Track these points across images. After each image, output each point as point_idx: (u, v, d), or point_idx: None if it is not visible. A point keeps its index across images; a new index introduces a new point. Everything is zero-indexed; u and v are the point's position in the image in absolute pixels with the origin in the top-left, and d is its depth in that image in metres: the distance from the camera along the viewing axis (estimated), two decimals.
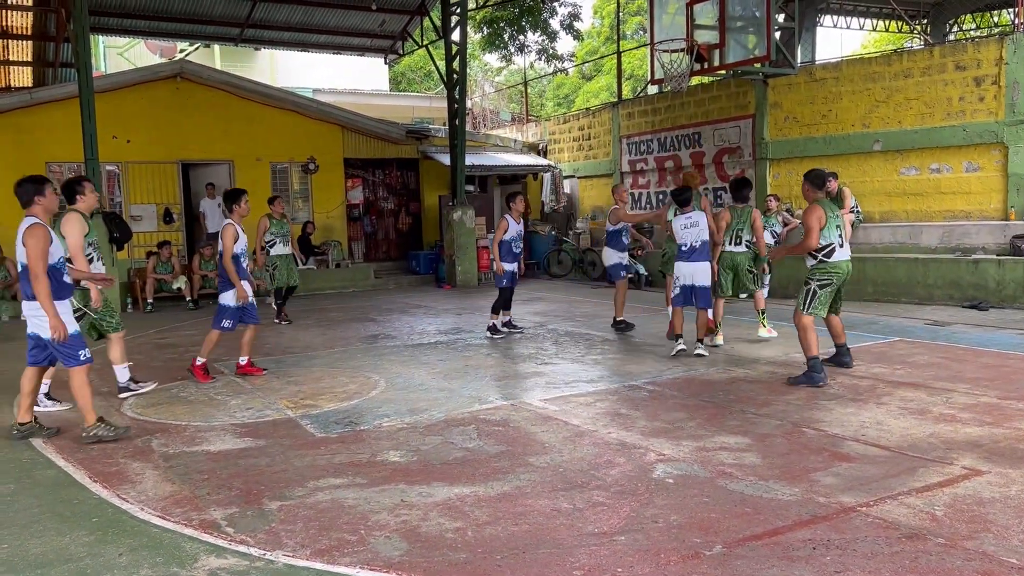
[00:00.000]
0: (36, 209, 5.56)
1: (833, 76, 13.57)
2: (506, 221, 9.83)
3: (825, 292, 6.93)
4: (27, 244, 5.36)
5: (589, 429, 5.66)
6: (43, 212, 5.59)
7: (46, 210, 5.62)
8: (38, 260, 5.34)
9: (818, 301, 6.91)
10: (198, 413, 6.41)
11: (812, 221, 6.82)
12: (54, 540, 3.93)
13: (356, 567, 3.55)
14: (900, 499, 4.17)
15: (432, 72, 31.08)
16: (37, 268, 5.32)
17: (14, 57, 19.12)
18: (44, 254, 5.36)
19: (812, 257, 6.95)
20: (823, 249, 6.87)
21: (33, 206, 5.56)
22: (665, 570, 3.45)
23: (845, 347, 7.42)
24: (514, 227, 9.80)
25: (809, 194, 7.08)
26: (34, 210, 5.56)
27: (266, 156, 16.91)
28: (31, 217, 5.51)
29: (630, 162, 17.79)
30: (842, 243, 6.93)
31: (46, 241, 5.39)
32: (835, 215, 6.97)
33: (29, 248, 5.35)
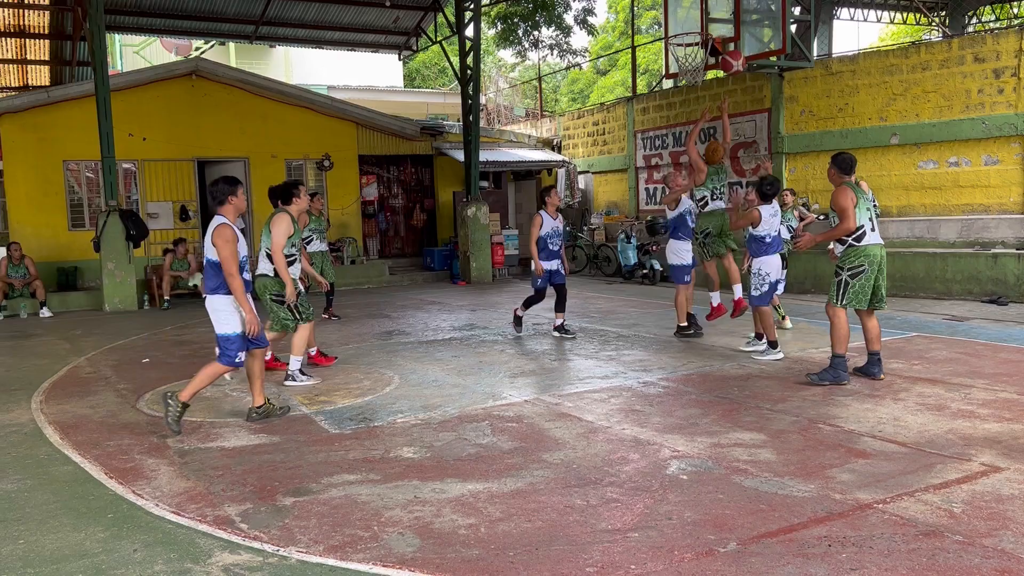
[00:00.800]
0: (227, 208, 5.75)
1: (850, 69, 13.45)
2: (540, 217, 9.28)
3: (859, 282, 6.47)
4: (217, 244, 5.56)
5: (603, 425, 5.64)
6: (233, 212, 5.77)
7: (236, 210, 5.79)
8: (232, 260, 5.55)
9: (851, 292, 6.48)
10: (213, 409, 6.44)
11: (845, 201, 6.41)
12: (70, 535, 3.96)
13: (369, 563, 3.55)
14: (917, 496, 4.13)
15: (446, 68, 31.09)
16: (232, 268, 5.55)
17: (32, 56, 19.28)
18: (236, 254, 5.57)
19: (840, 243, 6.61)
20: (852, 233, 6.50)
21: (225, 205, 5.75)
22: (679, 567, 3.43)
23: (877, 356, 6.75)
24: (549, 222, 9.30)
25: (836, 178, 6.71)
26: (225, 209, 5.75)
27: (281, 153, 16.97)
28: (220, 217, 5.71)
29: (645, 157, 17.71)
30: (873, 227, 6.56)
31: (233, 241, 5.58)
32: (865, 198, 6.62)
33: (220, 249, 5.55)
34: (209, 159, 16.49)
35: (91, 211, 15.24)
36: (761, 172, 10.21)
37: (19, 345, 10.21)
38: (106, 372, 8.14)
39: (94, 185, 15.30)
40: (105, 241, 13.14)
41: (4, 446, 5.58)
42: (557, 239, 9.36)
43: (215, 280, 5.65)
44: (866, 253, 6.50)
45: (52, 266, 14.46)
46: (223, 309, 5.69)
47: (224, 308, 5.69)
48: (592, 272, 17.36)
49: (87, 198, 15.46)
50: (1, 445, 5.60)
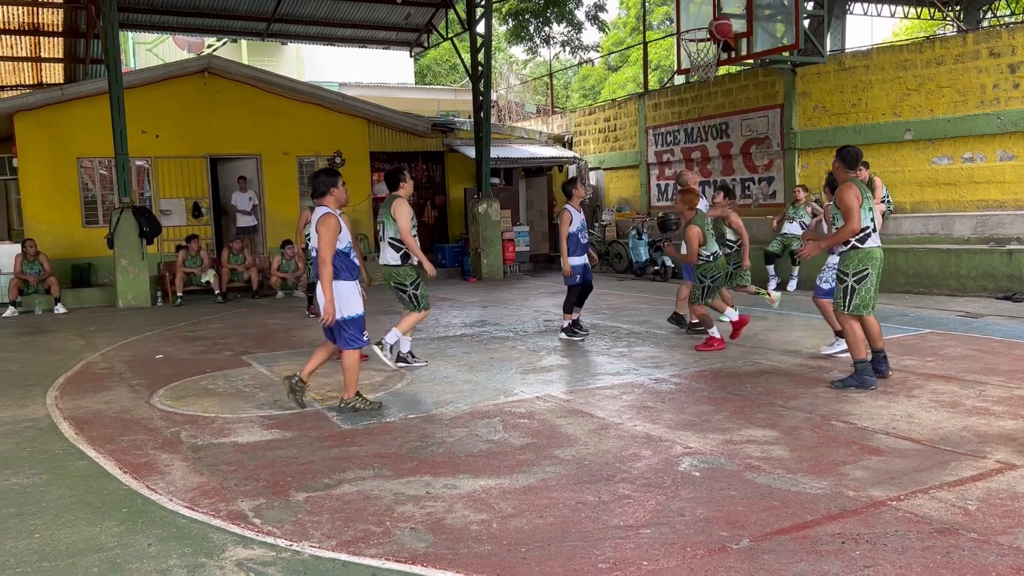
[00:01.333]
0: (328, 200, 5.96)
1: (863, 64, 13.37)
2: (569, 212, 8.92)
3: (865, 286, 6.27)
4: (320, 232, 5.75)
5: (615, 422, 5.63)
6: (335, 203, 5.97)
7: (337, 201, 6.00)
8: (328, 248, 5.75)
9: (859, 298, 6.27)
10: (227, 405, 6.47)
11: (852, 200, 6.14)
12: (85, 530, 3.99)
13: (382, 559, 3.56)
14: (931, 493, 4.11)
15: (457, 65, 31.10)
16: (325, 254, 5.75)
17: (46, 54, 19.40)
18: (333, 243, 5.78)
19: (843, 243, 6.41)
20: (857, 234, 6.29)
21: (326, 197, 5.95)
22: (691, 563, 3.43)
23: (883, 354, 6.62)
24: (578, 217, 8.96)
25: (841, 173, 6.43)
26: (326, 200, 5.95)
27: (293, 150, 17.01)
28: (324, 207, 5.90)
29: (656, 153, 17.67)
30: (875, 228, 6.38)
31: (336, 231, 5.79)
32: (868, 196, 6.41)
33: (322, 236, 5.75)
34: (221, 156, 16.56)
35: (105, 208, 15.33)
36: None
37: (34, 341, 10.29)
38: (120, 368, 8.19)
39: (108, 182, 15.38)
40: (118, 238, 13.22)
41: (20, 441, 5.62)
42: (586, 232, 9.20)
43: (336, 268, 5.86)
44: (870, 256, 6.30)
45: (66, 263, 14.56)
46: (345, 294, 5.90)
47: (346, 292, 5.91)
48: (603, 268, 17.33)
49: (101, 195, 15.55)
50: (17, 440, 5.65)
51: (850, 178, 6.38)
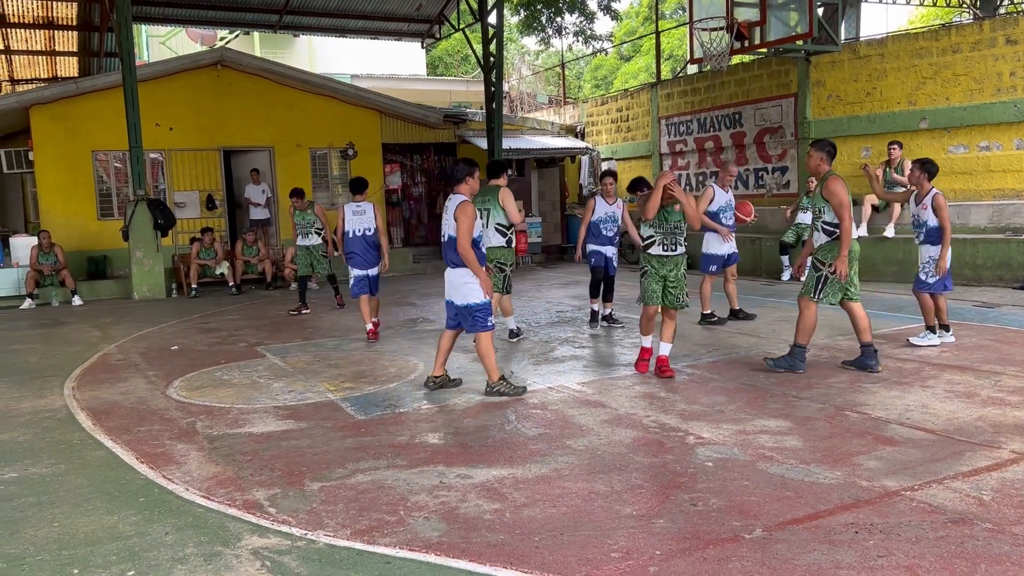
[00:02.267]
0: (464, 188, 6.20)
1: (878, 53, 13.25)
2: (593, 201, 9.19)
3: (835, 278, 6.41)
4: (459, 219, 5.99)
5: (627, 412, 5.64)
6: (469, 191, 6.21)
7: (472, 190, 6.23)
8: (468, 234, 5.99)
9: (829, 287, 6.43)
10: (241, 396, 6.52)
11: (845, 194, 6.31)
12: (103, 519, 4.04)
13: (396, 547, 3.59)
14: (946, 483, 4.10)
15: (469, 56, 31.04)
16: (466, 242, 5.99)
17: (60, 47, 19.49)
18: (472, 229, 6.02)
19: (827, 234, 6.46)
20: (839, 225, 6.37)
21: (462, 184, 6.20)
22: (704, 553, 3.43)
23: (872, 349, 6.57)
24: (603, 207, 9.06)
25: (824, 165, 6.52)
26: (462, 188, 6.20)
27: (306, 142, 17.04)
28: (460, 195, 6.14)
29: (669, 143, 17.60)
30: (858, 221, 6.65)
31: (473, 218, 6.04)
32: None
33: (461, 224, 5.98)
34: (235, 148, 16.61)
35: (119, 200, 15.41)
36: None
37: (51, 332, 10.38)
38: (136, 359, 8.26)
39: (122, 175, 15.46)
40: (133, 230, 13.31)
41: (38, 431, 5.69)
42: (612, 224, 9.14)
43: (458, 254, 6.07)
44: (851, 248, 6.44)
45: (82, 255, 14.66)
46: (471, 281, 6.10)
47: (472, 280, 6.11)
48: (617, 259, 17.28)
49: (115, 187, 15.63)
50: (35, 430, 5.71)
51: (833, 171, 6.56)
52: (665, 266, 6.60)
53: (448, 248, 6.19)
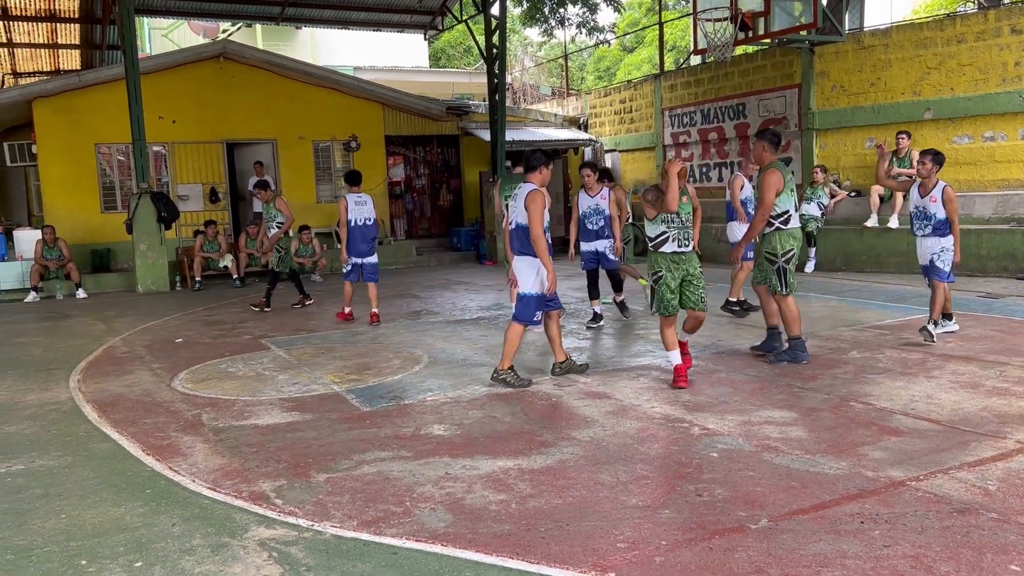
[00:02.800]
0: (536, 177, 6.17)
1: (882, 43, 13.20)
2: (577, 197, 8.94)
3: (792, 265, 6.56)
4: (530, 208, 5.98)
5: (632, 403, 5.64)
6: (540, 181, 6.18)
7: (544, 180, 6.21)
8: (539, 223, 5.98)
9: (791, 276, 6.58)
10: (247, 388, 6.53)
11: (770, 190, 6.37)
12: (110, 510, 4.05)
13: (402, 538, 3.60)
14: (951, 473, 4.10)
15: (472, 48, 30.94)
16: (539, 230, 5.98)
17: (63, 40, 19.48)
18: (543, 217, 6.02)
19: (768, 224, 6.53)
20: (781, 216, 6.50)
21: (535, 173, 6.17)
22: (709, 543, 3.44)
23: (778, 330, 6.85)
24: (586, 201, 8.73)
25: (767, 156, 6.58)
26: (534, 177, 6.17)
27: (308, 135, 17.03)
28: (531, 184, 6.13)
29: (672, 135, 17.56)
30: (797, 209, 6.74)
31: (544, 206, 6.04)
32: (790, 180, 6.64)
33: (532, 212, 5.96)
34: (238, 141, 16.60)
35: (123, 194, 15.43)
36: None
37: (56, 326, 10.40)
38: (140, 352, 8.28)
39: (125, 168, 15.47)
40: (137, 223, 13.32)
41: (45, 424, 5.70)
42: (597, 217, 8.72)
43: (526, 243, 6.08)
44: (794, 236, 6.59)
45: (86, 248, 14.67)
46: (526, 271, 6.12)
47: (527, 269, 6.12)
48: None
49: (119, 181, 15.64)
50: (42, 423, 5.73)
51: (774, 162, 6.60)
52: (682, 265, 6.07)
53: (515, 236, 6.17)
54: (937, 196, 7.12)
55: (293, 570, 3.33)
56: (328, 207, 16.85)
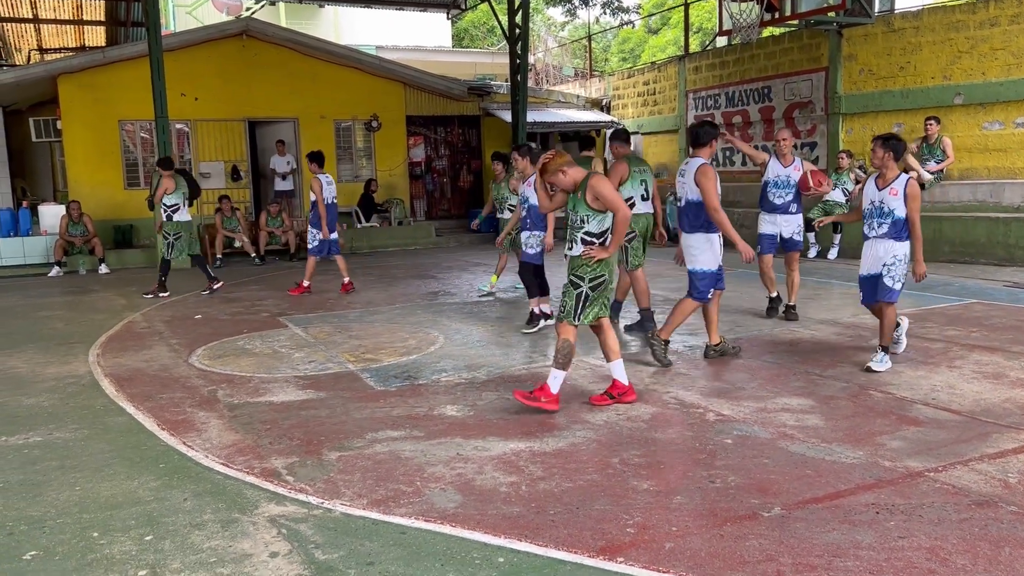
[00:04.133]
0: (705, 151, 6.15)
1: (913, 26, 12.93)
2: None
3: (634, 246, 7.01)
4: (701, 183, 5.95)
5: (648, 388, 5.59)
6: (708, 154, 6.16)
7: (711, 153, 6.20)
8: (716, 196, 5.96)
9: (636, 258, 7.28)
10: (263, 365, 6.55)
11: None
12: (123, 484, 4.08)
13: (411, 518, 3.59)
14: (971, 465, 4.02)
15: (495, 27, 30.74)
16: (715, 202, 5.93)
17: (88, 16, 19.55)
18: (716, 190, 5.98)
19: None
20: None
21: (705, 148, 6.15)
22: (720, 530, 3.40)
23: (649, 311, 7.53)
24: (522, 189, 7.96)
25: (620, 150, 7.32)
26: (703, 152, 6.15)
27: (330, 114, 17.00)
28: (700, 159, 6.09)
29: (696, 117, 17.35)
30: (646, 196, 7.05)
31: (716, 179, 6.03)
32: (640, 170, 7.19)
33: (706, 186, 5.92)
34: (259, 119, 16.61)
35: (146, 170, 15.50)
36: None
37: (78, 300, 10.50)
38: (160, 327, 8.33)
39: (149, 145, 15.54)
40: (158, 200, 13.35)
41: (63, 396, 5.75)
42: (523, 205, 7.96)
43: (695, 219, 6.06)
44: (637, 220, 6.90)
45: (109, 224, 14.77)
46: (698, 246, 6.10)
47: (699, 245, 6.09)
48: None
49: (142, 157, 15.72)
50: (60, 396, 5.78)
51: (625, 155, 7.01)
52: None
53: (684, 213, 6.15)
54: (899, 189, 5.77)
55: (301, 547, 3.33)
56: (349, 187, 16.85)
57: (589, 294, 5.11)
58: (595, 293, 5.12)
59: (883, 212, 5.89)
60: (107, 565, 3.22)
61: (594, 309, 5.14)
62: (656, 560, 3.17)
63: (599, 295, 5.13)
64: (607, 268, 5.13)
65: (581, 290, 5.12)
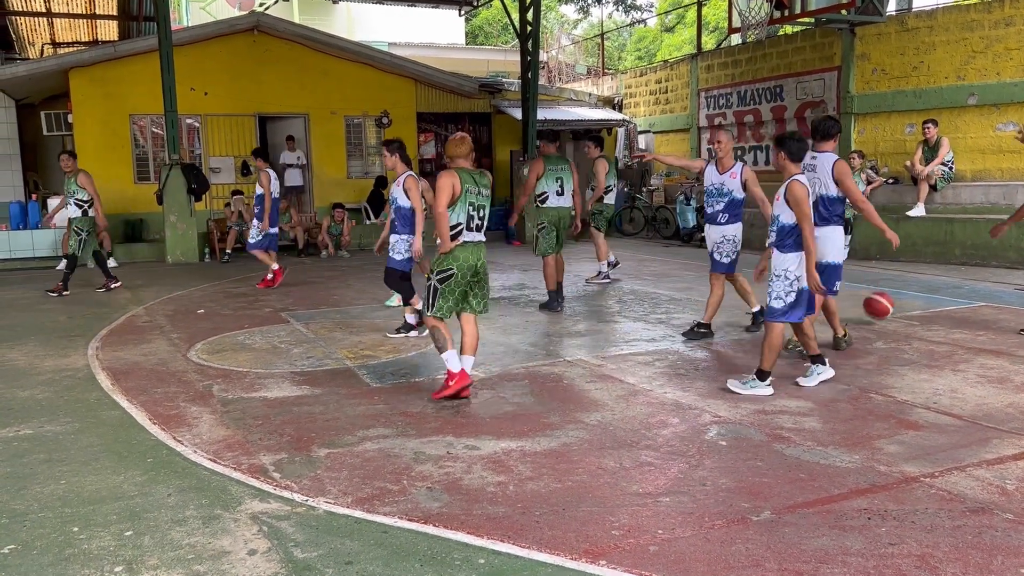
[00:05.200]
0: (831, 144, 6.04)
1: (927, 25, 12.77)
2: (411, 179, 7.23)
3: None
4: (842, 179, 5.87)
5: (644, 388, 5.53)
6: (834, 148, 6.07)
7: (835, 147, 6.11)
8: (857, 188, 6.01)
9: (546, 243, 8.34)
10: (260, 360, 6.53)
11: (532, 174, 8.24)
12: (109, 478, 4.05)
13: (395, 517, 3.55)
14: (968, 471, 3.94)
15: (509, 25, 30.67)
16: (858, 195, 5.97)
17: (100, 10, 19.64)
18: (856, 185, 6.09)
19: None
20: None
21: (830, 141, 6.03)
22: (708, 533, 3.34)
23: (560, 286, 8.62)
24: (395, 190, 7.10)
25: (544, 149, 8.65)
26: (828, 145, 6.02)
27: (341, 109, 16.99)
28: (829, 153, 5.99)
29: (708, 116, 17.24)
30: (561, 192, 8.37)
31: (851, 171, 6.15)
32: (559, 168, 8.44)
33: (848, 182, 5.88)
34: (270, 115, 16.62)
35: (156, 164, 15.54)
36: None
37: (84, 293, 10.51)
38: (161, 321, 8.33)
39: (159, 139, 15.57)
40: (167, 194, 13.42)
41: (58, 390, 5.75)
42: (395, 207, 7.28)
43: (829, 212, 5.98)
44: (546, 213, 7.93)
45: (118, 218, 14.82)
46: (833, 239, 6.03)
47: (833, 237, 6.03)
48: (649, 235, 17.08)
49: (152, 152, 15.76)
50: (55, 388, 5.77)
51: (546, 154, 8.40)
52: None
53: (817, 207, 5.82)
54: (781, 195, 5.28)
55: (281, 545, 3.29)
56: (359, 183, 16.86)
57: (437, 287, 5.30)
58: (443, 286, 5.28)
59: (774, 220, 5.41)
60: (84, 560, 3.19)
61: (447, 302, 5.28)
62: (639, 563, 3.11)
63: (447, 288, 5.27)
64: (455, 262, 5.26)
65: (430, 283, 5.36)
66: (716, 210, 6.92)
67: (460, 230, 5.30)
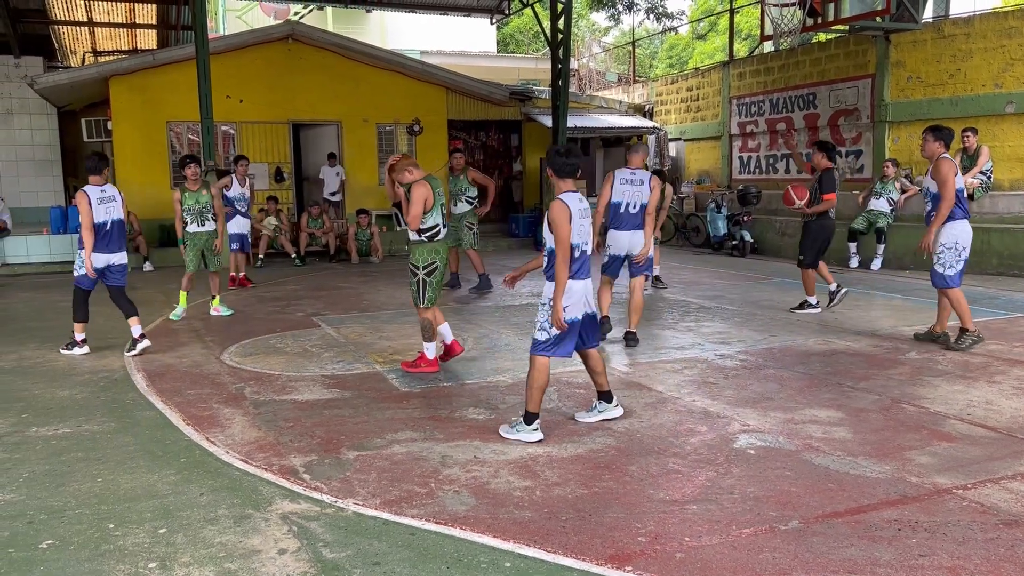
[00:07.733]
0: (942, 147, 6.63)
1: (963, 32, 12.61)
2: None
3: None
4: (946, 180, 6.44)
5: (673, 396, 5.52)
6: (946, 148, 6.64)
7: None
8: (952, 188, 6.47)
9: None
10: (292, 364, 6.61)
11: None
12: (144, 477, 4.14)
13: (422, 519, 3.58)
14: (1002, 483, 3.88)
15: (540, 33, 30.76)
16: (951, 193, 6.43)
17: (140, 20, 20.02)
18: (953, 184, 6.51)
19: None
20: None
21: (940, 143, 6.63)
22: (735, 542, 3.33)
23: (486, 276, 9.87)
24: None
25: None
26: (939, 148, 6.63)
27: (373, 117, 17.15)
28: (947, 156, 6.58)
29: (740, 124, 17.15)
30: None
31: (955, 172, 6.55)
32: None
33: (949, 183, 6.43)
34: (303, 122, 16.83)
35: None
36: None
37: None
38: (195, 325, 8.46)
39: (195, 146, 15.81)
40: None
41: (95, 390, 5.87)
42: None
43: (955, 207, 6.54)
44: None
45: (154, 223, 15.07)
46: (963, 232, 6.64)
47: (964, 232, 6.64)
48: (680, 242, 17.01)
49: None
50: (93, 389, 5.90)
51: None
52: None
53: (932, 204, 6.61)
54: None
55: (310, 545, 3.34)
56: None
57: (425, 280, 6.03)
58: (430, 278, 6.04)
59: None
60: (119, 556, 3.26)
61: (435, 292, 6.09)
62: (665, 570, 3.11)
63: (435, 280, 6.06)
64: (437, 256, 6.04)
65: (418, 278, 6.04)
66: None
67: (437, 230, 6.01)
